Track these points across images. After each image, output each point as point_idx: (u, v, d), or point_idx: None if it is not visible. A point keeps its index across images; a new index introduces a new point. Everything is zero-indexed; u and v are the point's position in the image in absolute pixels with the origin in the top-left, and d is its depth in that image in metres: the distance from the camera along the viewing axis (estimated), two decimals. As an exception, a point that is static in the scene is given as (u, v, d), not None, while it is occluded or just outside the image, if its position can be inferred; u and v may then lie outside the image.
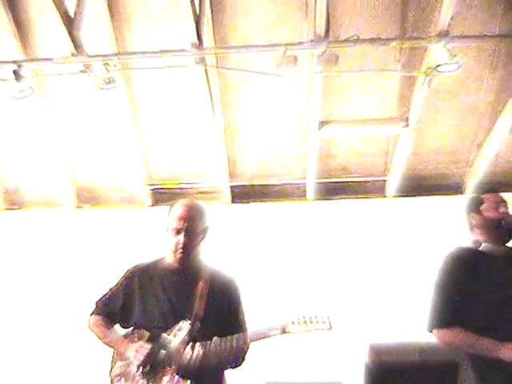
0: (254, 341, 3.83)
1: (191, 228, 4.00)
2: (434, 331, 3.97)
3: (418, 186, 8.82)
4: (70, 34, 6.21)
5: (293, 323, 3.85)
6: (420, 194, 8.79)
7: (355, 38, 6.19)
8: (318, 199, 8.89)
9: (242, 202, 8.78)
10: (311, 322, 3.86)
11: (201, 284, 4.02)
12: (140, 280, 4.10)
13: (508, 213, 4.06)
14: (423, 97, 7.21)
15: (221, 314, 3.99)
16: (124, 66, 6.64)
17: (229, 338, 3.81)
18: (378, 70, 7.06)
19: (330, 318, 3.88)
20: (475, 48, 6.99)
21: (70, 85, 7.28)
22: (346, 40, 6.25)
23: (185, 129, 8.03)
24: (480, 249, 4.10)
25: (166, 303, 3.97)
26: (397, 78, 7.45)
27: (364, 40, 6.26)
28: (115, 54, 6.71)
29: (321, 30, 6.26)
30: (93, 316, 4.18)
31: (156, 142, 8.27)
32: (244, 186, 8.81)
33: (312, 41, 6.32)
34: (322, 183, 8.75)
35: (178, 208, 4.11)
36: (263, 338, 3.83)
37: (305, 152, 8.26)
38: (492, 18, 6.81)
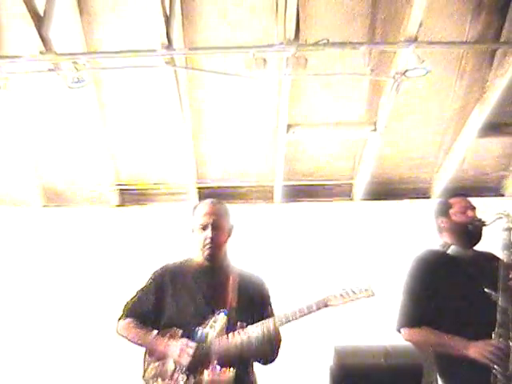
0: (294, 320, 3.80)
1: (218, 223, 4.02)
2: (402, 330, 4.01)
3: (385, 189, 8.87)
4: (39, 32, 6.16)
5: (335, 296, 3.87)
6: (387, 198, 8.85)
7: (325, 41, 6.20)
8: (285, 202, 8.91)
9: (209, 204, 8.77)
10: (353, 292, 3.92)
11: (231, 278, 4.03)
12: (171, 280, 4.06)
13: (476, 217, 4.12)
14: (391, 101, 7.25)
15: (253, 306, 3.97)
16: (93, 65, 6.60)
17: (265, 321, 3.78)
18: (347, 73, 7.10)
19: (371, 285, 3.92)
20: (443, 54, 7.05)
21: (38, 83, 7.22)
22: (316, 43, 6.26)
23: (153, 129, 8.00)
24: (448, 252, 4.16)
25: (200, 299, 3.94)
26: (366, 83, 7.49)
27: (333, 44, 6.27)
28: (84, 53, 6.67)
29: (290, 33, 6.27)
30: (123, 319, 4.11)
31: (124, 142, 8.23)
32: (211, 187, 8.80)
33: (282, 43, 6.32)
34: (289, 186, 8.77)
35: (203, 205, 4.14)
36: (304, 315, 3.81)
37: (272, 154, 8.27)
38: (460, 25, 6.88)
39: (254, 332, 3.73)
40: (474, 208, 4.24)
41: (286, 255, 8.36)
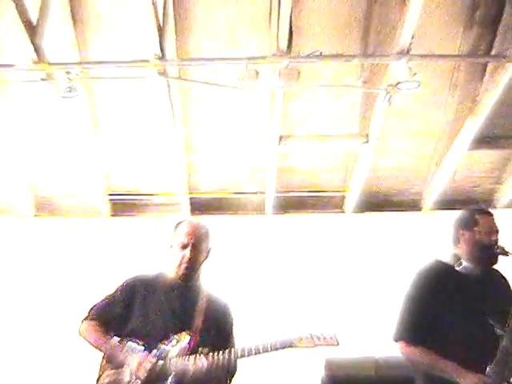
0: (256, 354, 3.82)
1: (198, 244, 4.04)
2: (399, 343, 3.97)
3: (377, 202, 8.89)
4: (32, 41, 6.14)
5: (301, 339, 3.86)
6: (378, 210, 8.86)
7: (317, 53, 6.21)
8: (277, 213, 8.92)
9: (200, 214, 8.76)
10: (318, 339, 3.91)
11: (201, 301, 4.04)
12: (142, 291, 4.06)
13: (498, 244, 4.01)
14: (383, 114, 7.27)
15: (217, 332, 3.98)
16: (86, 75, 6.59)
17: (227, 351, 3.80)
18: (339, 85, 7.12)
19: (336, 334, 3.92)
20: (435, 67, 7.07)
21: (31, 93, 7.21)
22: (308, 56, 6.27)
23: (145, 140, 8.00)
24: (457, 268, 4.04)
25: (167, 316, 3.94)
26: (358, 95, 7.51)
27: (326, 56, 6.29)
28: (77, 63, 6.66)
29: (283, 45, 6.28)
30: (86, 321, 4.07)
31: (116, 152, 8.22)
32: (203, 198, 8.80)
33: (274, 55, 6.33)
34: (280, 197, 8.77)
35: (186, 225, 4.15)
36: (268, 351, 3.83)
37: (264, 166, 8.27)
38: (452, 38, 6.91)
39: (213, 359, 3.75)
40: (498, 231, 4.12)
41: (276, 266, 8.38)
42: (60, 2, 6.36)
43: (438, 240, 4.60)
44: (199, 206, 8.90)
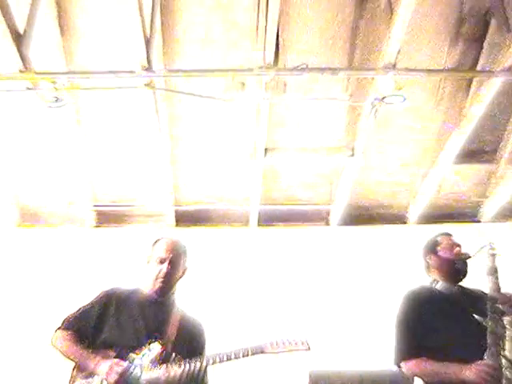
0: (228, 361, 3.82)
1: (176, 260, 4.08)
2: (401, 364, 4.08)
3: (362, 215, 8.91)
4: (19, 50, 6.12)
5: (271, 344, 3.87)
6: (364, 224, 8.87)
7: (304, 66, 6.23)
8: (262, 226, 8.91)
9: (186, 226, 8.75)
10: (289, 343, 3.91)
11: (174, 315, 4.06)
12: (116, 303, 4.07)
13: (462, 254, 4.25)
14: (369, 127, 7.29)
15: (190, 347, 4.00)
16: (72, 85, 6.58)
17: (199, 358, 3.82)
18: (325, 98, 7.13)
19: (308, 340, 3.95)
20: (421, 81, 7.09)
21: (17, 102, 7.18)
22: (295, 68, 6.28)
23: (131, 151, 7.98)
24: (436, 287, 4.28)
25: (141, 326, 3.96)
26: (344, 108, 7.53)
27: (312, 69, 6.30)
28: (64, 73, 6.65)
29: (270, 58, 6.30)
30: (60, 331, 4.08)
31: (102, 163, 8.20)
32: (188, 210, 8.79)
33: (261, 68, 6.34)
34: (265, 210, 8.77)
35: (165, 240, 4.22)
36: (239, 358, 3.83)
37: (250, 178, 8.27)
38: (438, 52, 6.95)
39: (185, 367, 3.76)
40: (459, 245, 4.39)
41: (261, 279, 8.35)
42: (47, 12, 6.36)
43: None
44: (184, 218, 8.88)
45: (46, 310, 8.01)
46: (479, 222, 8.99)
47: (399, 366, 4.11)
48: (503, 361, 3.70)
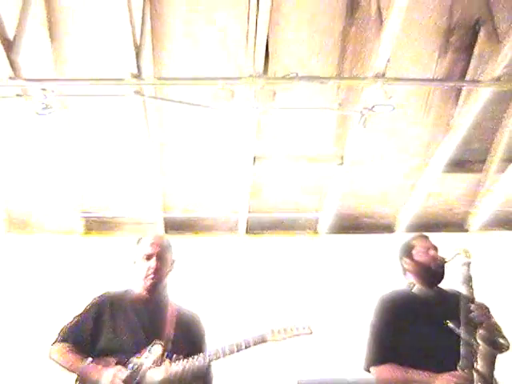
0: (231, 354, 3.80)
1: (163, 254, 4.06)
2: (371, 369, 4.05)
3: (351, 223, 8.92)
4: (8, 57, 6.11)
5: (272, 332, 3.85)
6: (352, 232, 8.88)
7: (293, 75, 6.24)
8: (250, 234, 8.91)
9: (175, 234, 8.74)
10: (291, 329, 3.91)
11: (169, 312, 4.03)
12: (110, 308, 4.05)
13: (438, 257, 4.20)
14: (359, 136, 7.30)
15: (189, 341, 3.99)
16: (62, 92, 6.57)
17: (202, 354, 3.81)
18: (314, 107, 7.14)
19: (310, 324, 3.95)
20: (410, 90, 7.13)
21: (6, 109, 7.16)
22: (284, 77, 6.30)
23: (120, 158, 7.96)
24: (412, 290, 4.24)
25: (137, 328, 3.94)
26: (333, 116, 7.53)
27: (302, 78, 6.31)
28: (53, 80, 6.64)
29: (259, 66, 6.30)
30: (57, 344, 4.04)
31: (91, 170, 8.17)
32: (177, 218, 8.78)
33: (250, 76, 6.35)
34: (254, 218, 8.77)
35: (149, 237, 4.19)
36: (241, 349, 3.81)
37: (238, 186, 8.27)
38: (428, 61, 6.97)
39: (188, 364, 3.75)
40: (435, 248, 4.35)
41: (249, 286, 8.34)
42: (37, 18, 6.34)
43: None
44: (173, 226, 8.87)
45: (34, 317, 7.99)
46: (467, 231, 9.01)
47: (369, 371, 4.10)
48: (475, 375, 3.65)
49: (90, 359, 3.86)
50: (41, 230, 8.88)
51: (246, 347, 3.80)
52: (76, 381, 3.91)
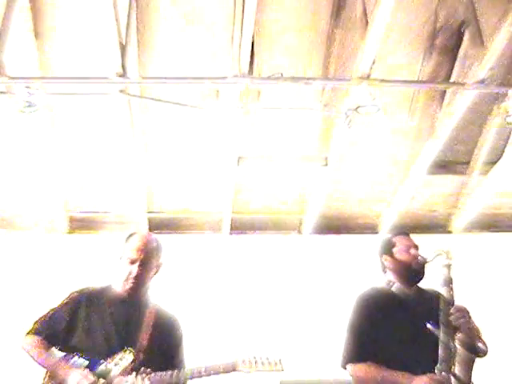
0: (200, 377, 3.79)
1: (147, 260, 4.01)
2: (347, 366, 4.03)
3: (335, 224, 8.93)
4: (-8, 54, 6.09)
5: (244, 362, 3.82)
6: (336, 233, 8.89)
7: (278, 75, 6.23)
8: (234, 233, 8.91)
9: (159, 233, 8.71)
10: (262, 364, 3.85)
11: (147, 317, 4.00)
12: (87, 305, 4.03)
13: (418, 255, 4.17)
14: (343, 137, 7.31)
15: (164, 349, 3.98)
16: (46, 90, 6.53)
17: (170, 372, 3.76)
18: (299, 108, 7.14)
19: (281, 360, 3.90)
20: (395, 92, 7.14)
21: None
22: (269, 77, 6.29)
23: (104, 157, 7.94)
24: (392, 289, 4.21)
25: (111, 330, 3.91)
26: (318, 117, 7.54)
27: (287, 78, 6.30)
28: (37, 78, 6.60)
29: (245, 66, 6.29)
30: (30, 335, 4.03)
31: (75, 168, 8.13)
32: (162, 217, 8.77)
33: (235, 76, 6.34)
34: (238, 218, 8.77)
35: (137, 239, 4.12)
36: (211, 375, 3.79)
37: (223, 186, 8.26)
38: (413, 64, 6.99)
39: (155, 379, 3.71)
40: (416, 246, 4.32)
41: (232, 286, 8.34)
42: (22, 16, 6.30)
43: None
44: (157, 225, 8.85)
45: (18, 315, 7.94)
46: (450, 232, 9.04)
47: (345, 368, 4.08)
48: (452, 378, 3.66)
49: (61, 355, 3.85)
50: (25, 228, 8.84)
51: (214, 373, 3.79)
52: (45, 374, 3.90)
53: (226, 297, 8.24)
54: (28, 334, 4.05)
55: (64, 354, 3.89)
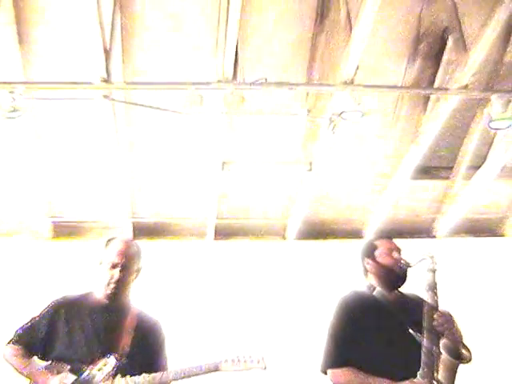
0: (183, 378, 3.78)
1: (128, 265, 3.95)
2: (327, 371, 3.98)
3: (319, 229, 8.93)
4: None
5: (226, 361, 3.81)
6: (320, 238, 8.89)
7: (262, 81, 6.24)
8: (219, 239, 8.90)
9: (143, 239, 8.69)
10: (245, 362, 3.84)
11: (128, 321, 3.97)
12: (67, 312, 3.97)
13: (401, 259, 4.12)
14: (327, 142, 7.32)
15: (147, 352, 3.93)
16: (30, 95, 6.51)
17: (153, 374, 3.76)
18: (283, 113, 7.15)
19: (264, 358, 3.88)
20: (379, 97, 7.16)
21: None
22: (253, 83, 6.29)
23: (88, 162, 7.91)
24: (373, 293, 4.17)
25: (93, 337, 3.85)
26: (302, 123, 7.55)
27: (271, 83, 6.31)
28: (21, 83, 6.58)
29: (229, 72, 6.30)
30: (10, 345, 3.98)
31: (59, 174, 8.10)
32: (146, 222, 8.75)
33: (220, 81, 6.35)
34: (222, 223, 8.76)
35: (118, 243, 4.04)
36: (194, 375, 3.78)
37: (207, 191, 8.26)
38: (397, 69, 7.03)
39: (139, 383, 3.71)
40: (399, 250, 4.24)
41: (217, 292, 8.33)
42: (5, 20, 6.29)
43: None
44: (141, 231, 8.83)
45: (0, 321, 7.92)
46: (434, 237, 9.08)
47: (325, 373, 4.05)
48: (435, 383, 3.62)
49: (43, 364, 3.83)
50: (9, 234, 8.80)
51: (197, 373, 3.77)
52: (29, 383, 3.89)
53: (211, 302, 8.23)
54: (9, 343, 4.02)
55: (45, 362, 3.87)
